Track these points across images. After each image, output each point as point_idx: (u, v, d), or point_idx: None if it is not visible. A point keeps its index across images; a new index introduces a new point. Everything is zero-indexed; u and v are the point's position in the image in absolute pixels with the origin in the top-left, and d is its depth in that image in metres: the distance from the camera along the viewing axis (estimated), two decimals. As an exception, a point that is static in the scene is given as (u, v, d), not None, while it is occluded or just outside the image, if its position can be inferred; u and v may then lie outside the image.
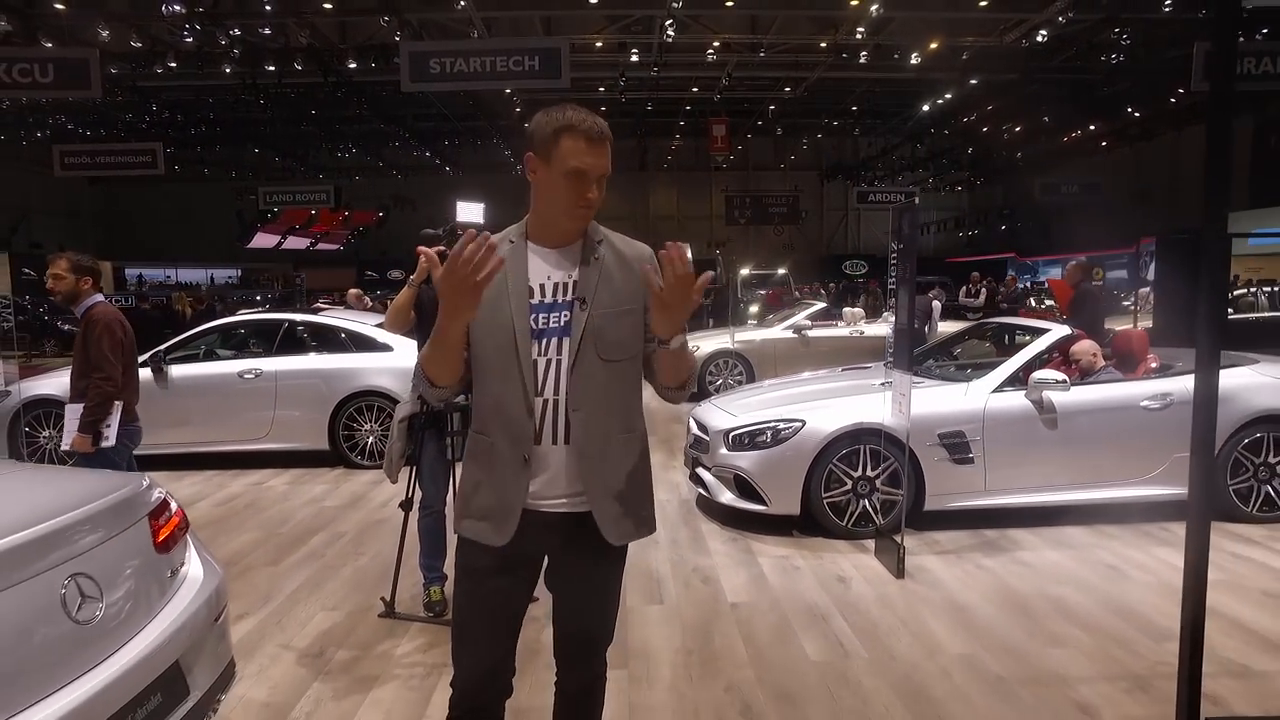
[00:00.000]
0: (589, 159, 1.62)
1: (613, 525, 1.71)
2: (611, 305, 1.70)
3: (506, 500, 1.70)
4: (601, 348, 1.68)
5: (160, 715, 1.85)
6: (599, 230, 1.78)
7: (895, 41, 17.07)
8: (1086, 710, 2.68)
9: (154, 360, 6.14)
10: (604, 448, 1.70)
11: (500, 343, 1.68)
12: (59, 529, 1.75)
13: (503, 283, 1.67)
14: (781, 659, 3.08)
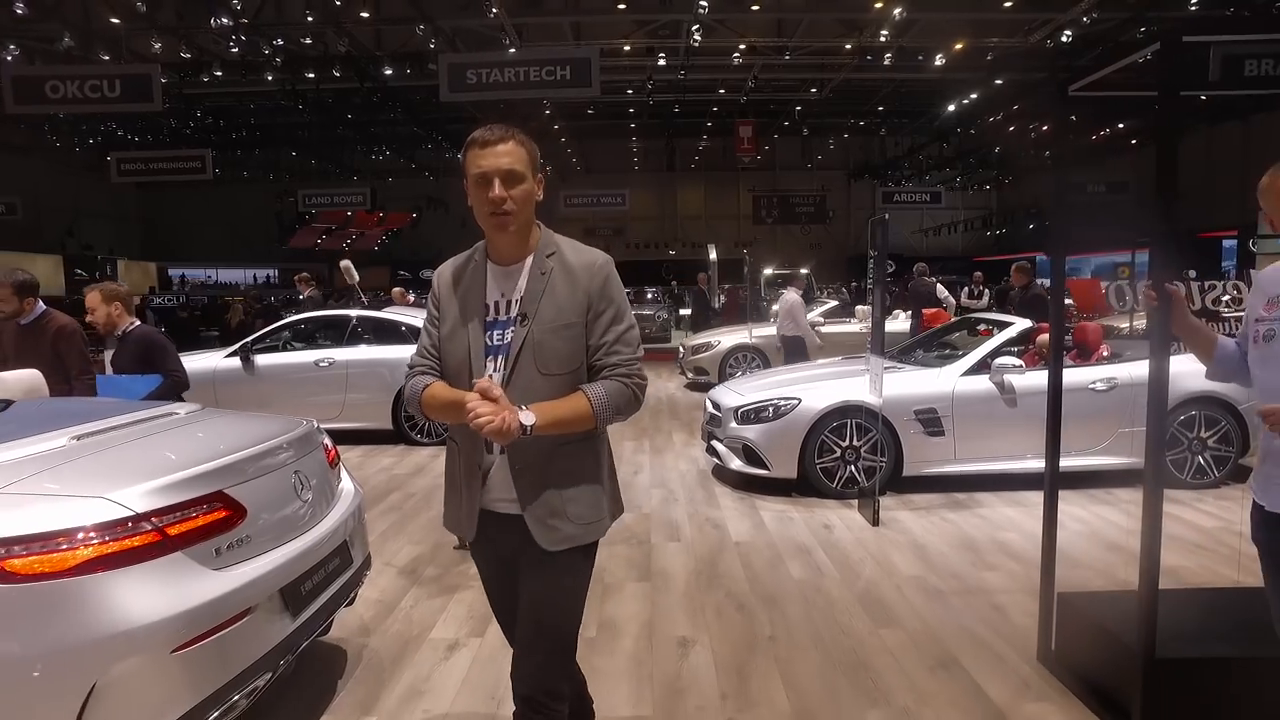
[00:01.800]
0: (485, 161, 1.74)
1: (543, 530, 1.81)
2: (553, 320, 1.79)
3: (468, 502, 1.89)
4: (540, 362, 1.78)
5: (338, 572, 2.88)
6: (552, 242, 1.87)
7: (920, 43, 17.63)
8: (999, 610, 3.63)
9: (243, 351, 7.29)
10: (537, 458, 1.80)
11: (459, 358, 1.83)
12: (284, 441, 2.79)
13: (465, 300, 1.86)
14: (770, 577, 4.06)
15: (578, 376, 1.81)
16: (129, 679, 2.04)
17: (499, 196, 1.73)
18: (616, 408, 1.79)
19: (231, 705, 2.29)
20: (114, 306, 4.31)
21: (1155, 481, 2.48)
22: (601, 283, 1.83)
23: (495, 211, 1.75)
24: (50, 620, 1.98)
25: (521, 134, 1.79)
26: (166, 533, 2.18)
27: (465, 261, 1.92)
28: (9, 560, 1.97)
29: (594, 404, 1.76)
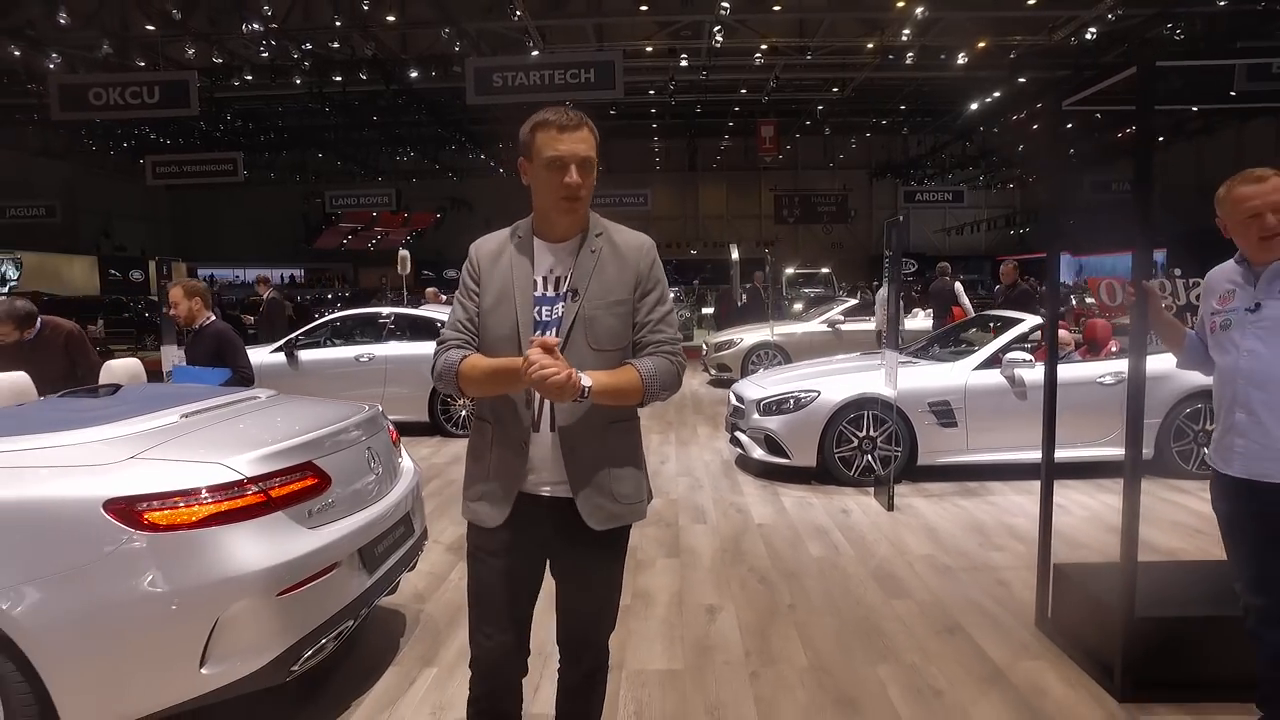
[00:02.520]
0: (563, 146, 1.78)
1: (593, 510, 1.83)
2: (602, 296, 1.83)
3: (504, 483, 1.86)
4: (592, 337, 1.81)
5: (403, 540, 3.26)
6: (599, 224, 1.92)
7: (942, 42, 17.75)
8: (1003, 584, 3.95)
9: (287, 347, 7.74)
10: (590, 436, 1.83)
11: (505, 333, 1.83)
12: (356, 421, 3.19)
13: (510, 275, 1.87)
14: (790, 554, 4.41)
15: (625, 354, 1.84)
16: (243, 616, 2.44)
17: (576, 183, 1.78)
18: (663, 383, 1.83)
19: (321, 647, 2.68)
20: (195, 301, 4.65)
21: (1134, 456, 2.79)
22: (650, 263, 1.91)
23: (568, 196, 1.79)
24: (182, 564, 2.38)
25: (590, 120, 1.84)
26: (270, 495, 2.57)
27: (508, 237, 1.94)
28: (148, 513, 2.37)
29: (644, 377, 1.80)
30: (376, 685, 3.08)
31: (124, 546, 2.34)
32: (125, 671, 2.37)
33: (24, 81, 18.92)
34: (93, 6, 16.00)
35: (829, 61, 19.49)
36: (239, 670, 2.44)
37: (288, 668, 2.55)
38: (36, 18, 15.93)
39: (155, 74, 15.57)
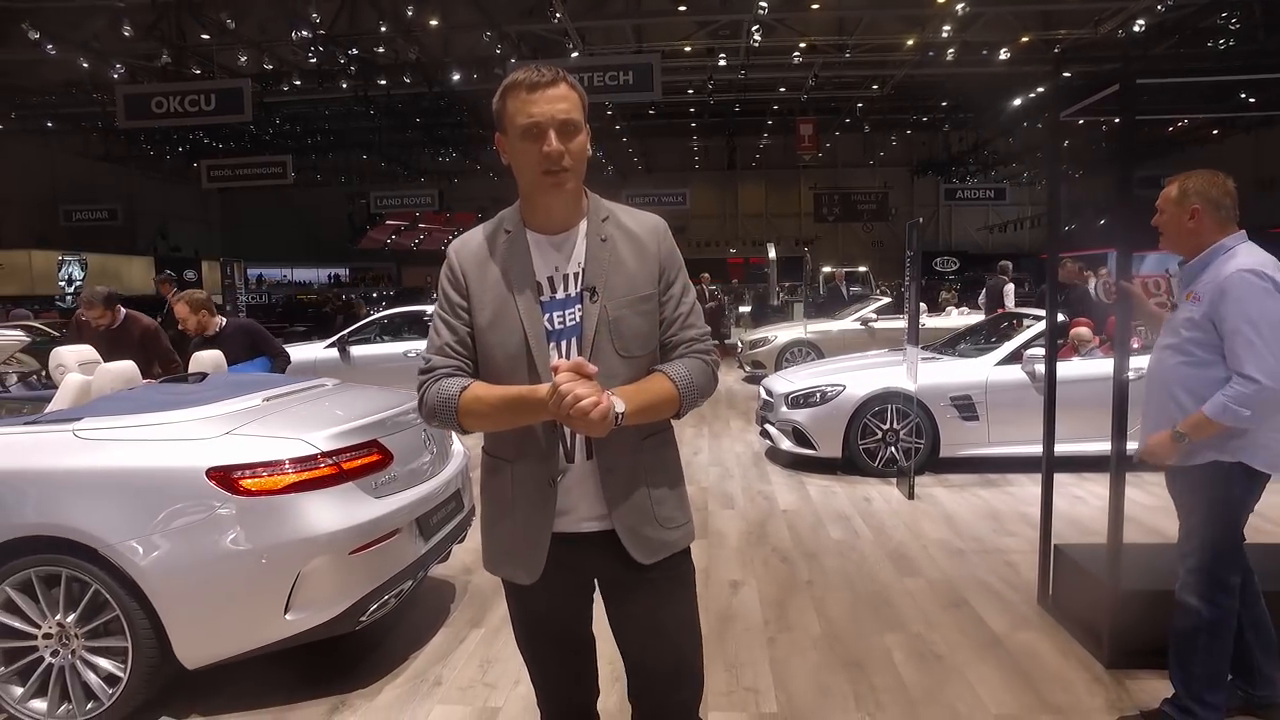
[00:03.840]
0: (535, 108, 1.47)
1: (639, 542, 1.59)
2: (626, 293, 1.56)
3: (532, 532, 1.59)
4: (620, 343, 1.55)
5: (453, 514, 3.66)
6: (602, 205, 1.63)
7: (984, 37, 17.68)
8: (1011, 566, 4.22)
9: (340, 343, 8.26)
10: (623, 456, 1.58)
11: (512, 351, 1.54)
12: (412, 406, 3.59)
13: (507, 279, 1.56)
14: (812, 537, 4.73)
15: (653, 358, 1.60)
16: (321, 571, 2.85)
17: (556, 151, 1.47)
18: (700, 389, 1.59)
19: (384, 602, 3.09)
20: (201, 314, 5.01)
21: (1119, 448, 3.07)
22: (670, 249, 1.64)
23: (551, 169, 1.48)
24: (269, 524, 2.81)
25: (571, 76, 1.53)
26: (342, 467, 2.99)
27: (492, 234, 1.63)
28: (242, 480, 2.80)
29: (679, 385, 1.55)
30: (431, 643, 3.48)
31: (223, 508, 2.77)
32: (224, 614, 2.80)
33: (89, 91, 20.02)
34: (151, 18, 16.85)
35: (868, 59, 19.52)
36: (316, 618, 2.86)
37: (357, 618, 2.97)
38: (102, 31, 16.85)
39: (212, 82, 16.36)
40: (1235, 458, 2.42)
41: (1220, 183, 2.51)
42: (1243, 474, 2.44)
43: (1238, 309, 2.35)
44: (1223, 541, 2.49)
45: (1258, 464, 2.42)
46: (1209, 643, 2.49)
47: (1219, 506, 2.48)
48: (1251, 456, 2.42)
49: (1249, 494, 2.48)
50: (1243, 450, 2.41)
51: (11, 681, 2.82)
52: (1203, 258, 2.51)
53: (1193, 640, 2.52)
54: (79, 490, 2.78)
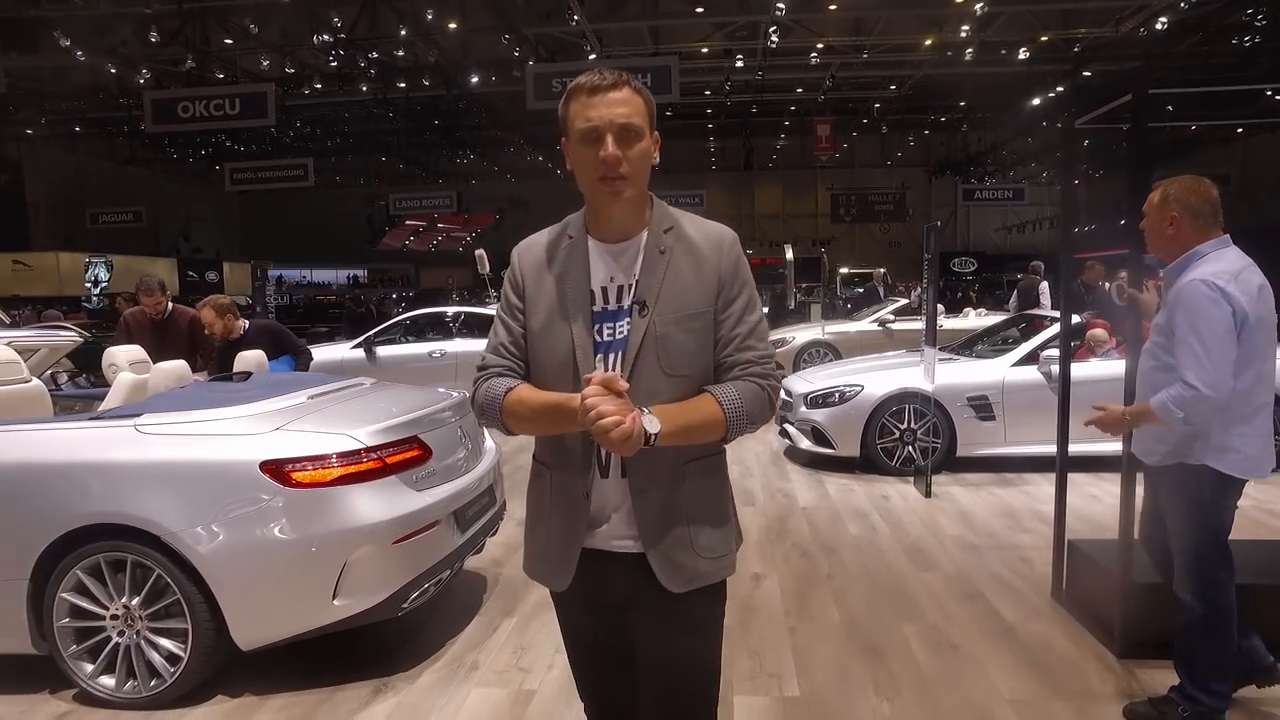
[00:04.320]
0: (594, 111, 1.46)
1: (670, 569, 1.55)
2: (677, 309, 1.52)
3: (564, 541, 1.59)
4: (665, 361, 1.51)
5: (487, 508, 3.84)
6: (668, 215, 1.59)
7: (1003, 36, 17.60)
8: (1025, 561, 4.34)
9: (366, 343, 8.48)
10: (661, 478, 1.54)
11: (559, 358, 1.54)
12: (450, 405, 3.77)
13: (561, 286, 1.56)
14: (831, 532, 4.87)
15: (705, 377, 1.54)
16: (366, 559, 3.03)
17: (612, 156, 1.45)
18: (750, 415, 1.52)
19: (424, 590, 3.27)
20: (226, 318, 5.20)
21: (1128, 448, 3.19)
22: (734, 263, 1.57)
23: (607, 175, 1.46)
24: (318, 515, 2.99)
25: (637, 80, 1.51)
26: (386, 461, 3.17)
27: (556, 238, 1.62)
28: (293, 473, 2.98)
29: (726, 410, 1.49)
30: (466, 630, 3.66)
31: (275, 499, 2.96)
32: (277, 599, 2.99)
33: (115, 96, 20.45)
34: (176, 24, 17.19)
35: (886, 59, 19.56)
36: (362, 603, 3.05)
37: (399, 605, 3.15)
38: (127, 37, 17.23)
39: (237, 87, 16.69)
40: (1200, 461, 2.54)
41: (1201, 190, 2.61)
42: (1212, 476, 2.54)
43: (1186, 318, 2.47)
44: (1204, 541, 2.61)
45: (1223, 468, 2.53)
46: (1206, 634, 2.61)
47: (1193, 507, 2.60)
48: (1217, 460, 2.53)
49: (1223, 496, 2.59)
50: (1207, 454, 2.53)
51: (82, 659, 3.02)
52: (1179, 263, 2.62)
53: (1191, 632, 2.64)
54: (142, 481, 2.98)
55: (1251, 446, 2.53)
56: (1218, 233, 2.63)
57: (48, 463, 3.03)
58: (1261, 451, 2.56)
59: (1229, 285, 2.45)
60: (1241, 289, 2.46)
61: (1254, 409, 2.53)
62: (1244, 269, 2.53)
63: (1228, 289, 2.44)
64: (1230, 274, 2.49)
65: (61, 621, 3.00)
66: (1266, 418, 2.57)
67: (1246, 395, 2.50)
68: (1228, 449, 2.52)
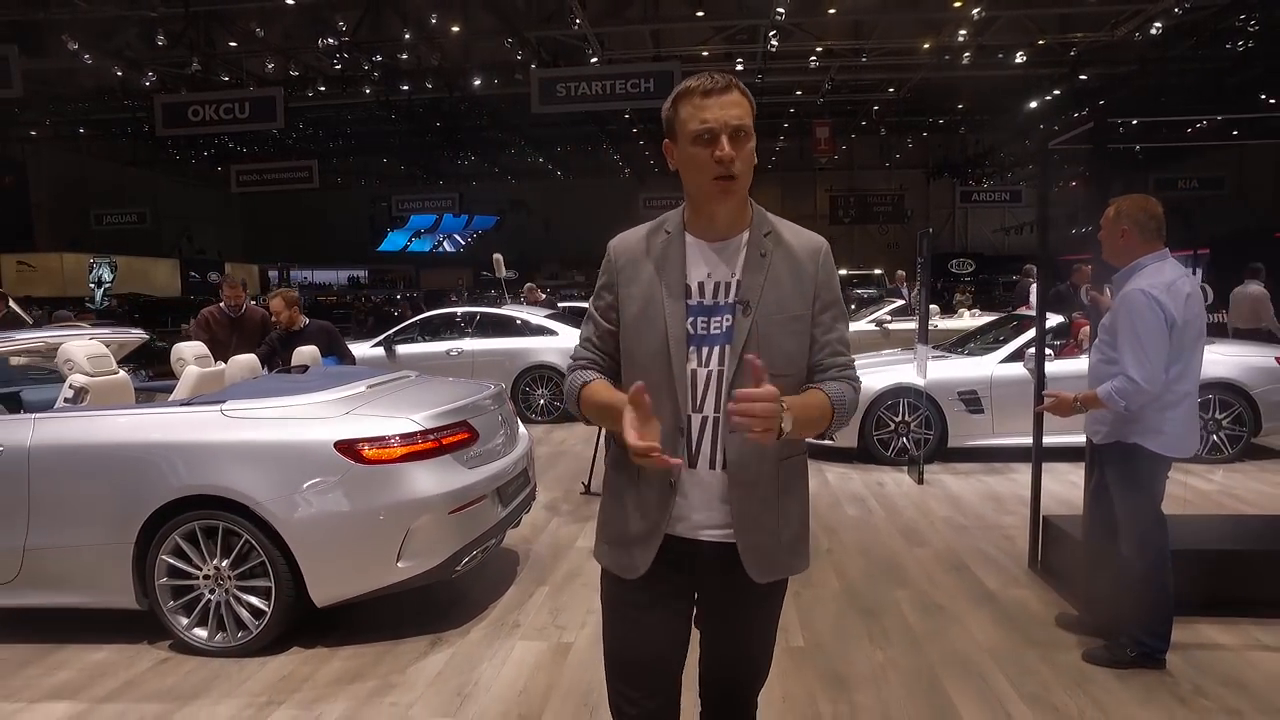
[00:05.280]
0: (709, 113, 1.53)
1: (760, 561, 1.63)
2: (779, 311, 1.60)
3: (647, 527, 1.64)
4: (768, 359, 1.52)
5: (522, 488, 4.32)
6: (767, 220, 1.67)
7: (1000, 40, 17.93)
8: (1009, 538, 4.85)
9: (386, 342, 8.97)
10: (761, 474, 1.61)
11: (653, 348, 1.61)
12: (490, 395, 4.27)
13: (656, 279, 1.62)
14: (831, 514, 5.37)
15: (801, 378, 1.64)
16: (426, 527, 3.52)
17: (728, 155, 1.53)
18: (848, 411, 1.63)
19: (474, 556, 3.77)
20: (292, 310, 5.74)
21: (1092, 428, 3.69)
22: (829, 273, 1.67)
23: (722, 174, 1.54)
24: (384, 488, 3.48)
25: (741, 83, 1.58)
26: (441, 442, 3.66)
27: (651, 232, 1.70)
28: (364, 451, 3.47)
29: (834, 403, 1.60)
30: (506, 594, 4.16)
31: (348, 474, 3.45)
32: (349, 560, 3.48)
33: (120, 98, 20.88)
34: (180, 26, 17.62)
35: (885, 62, 19.93)
36: (422, 566, 3.54)
37: (453, 568, 3.64)
38: (132, 39, 17.68)
39: (246, 91, 17.14)
40: (1135, 440, 3.05)
41: (1149, 207, 3.11)
42: (1145, 453, 3.05)
43: (1128, 321, 2.97)
44: (1141, 507, 3.11)
45: (1154, 446, 3.03)
46: (1147, 585, 3.11)
47: (1129, 480, 3.11)
48: (1148, 440, 3.03)
49: (1155, 470, 3.09)
50: (1138, 434, 3.03)
51: (179, 613, 3.51)
52: (1125, 271, 3.13)
53: (1135, 584, 3.14)
54: (232, 458, 3.46)
55: (1178, 429, 3.04)
56: (1160, 245, 3.13)
57: (149, 442, 3.52)
58: (1186, 433, 3.06)
59: (1163, 295, 2.95)
60: (1173, 298, 2.96)
61: (1180, 397, 3.03)
62: (1176, 279, 3.03)
63: (1162, 298, 2.94)
64: (1165, 285, 2.99)
65: (161, 580, 3.49)
66: (1191, 405, 3.08)
67: (1174, 386, 3.00)
68: (1158, 431, 3.02)
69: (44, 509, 3.50)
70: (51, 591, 3.54)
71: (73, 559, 3.50)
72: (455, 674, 3.34)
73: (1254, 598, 3.67)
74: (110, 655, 3.53)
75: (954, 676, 3.22)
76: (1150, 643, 3.16)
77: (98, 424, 3.62)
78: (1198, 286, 3.12)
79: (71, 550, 3.50)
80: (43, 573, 3.52)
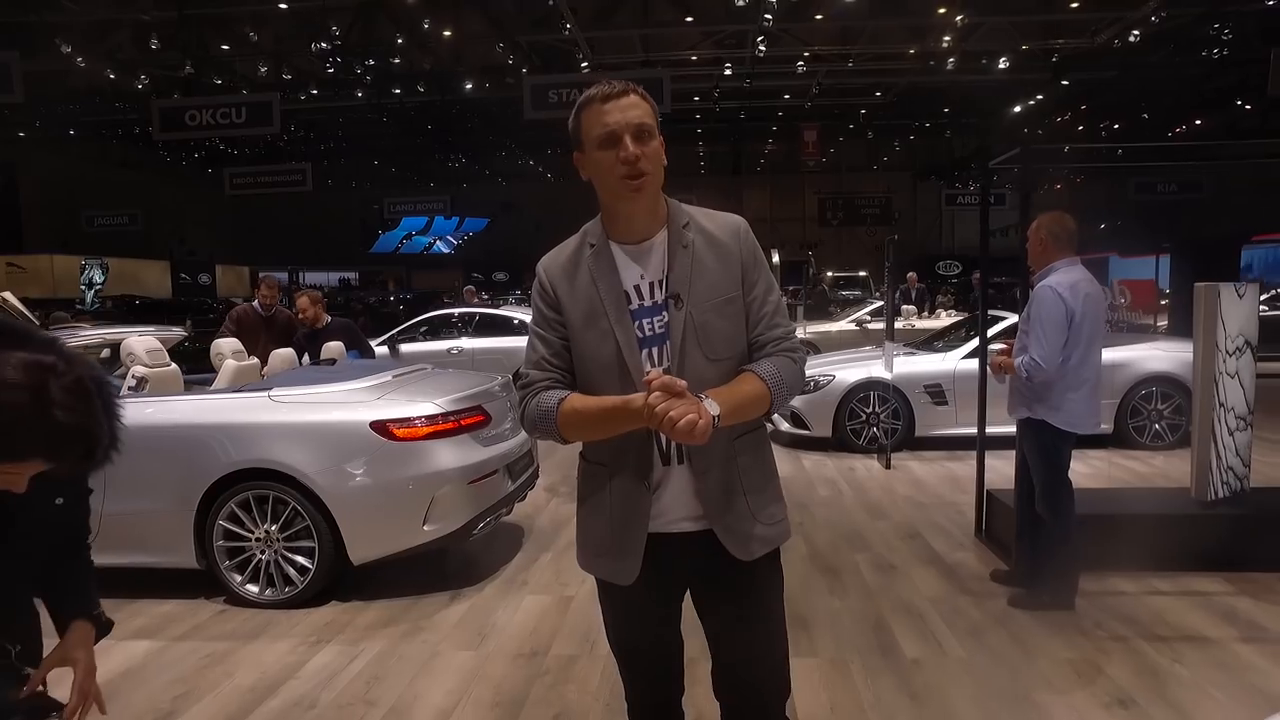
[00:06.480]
0: (610, 117, 1.59)
1: (738, 540, 1.69)
2: (709, 297, 1.65)
3: (629, 534, 1.70)
4: (707, 347, 1.64)
5: (527, 466, 4.97)
6: (683, 213, 1.72)
7: (984, 46, 18.49)
8: (961, 513, 5.52)
9: (390, 341, 9.60)
10: (718, 457, 1.68)
11: (605, 361, 1.66)
12: (499, 383, 4.91)
13: (594, 292, 1.68)
14: (804, 494, 6.04)
15: (742, 358, 1.70)
16: (448, 495, 4.16)
17: (632, 154, 1.58)
18: (789, 385, 1.67)
19: (488, 523, 4.41)
20: (317, 308, 6.42)
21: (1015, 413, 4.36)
22: (751, 248, 1.74)
23: (630, 174, 1.60)
24: (412, 462, 4.11)
25: (641, 87, 1.66)
26: (460, 423, 4.30)
27: (577, 249, 1.75)
28: (394, 430, 4.11)
29: (769, 384, 1.63)
30: (514, 559, 4.81)
31: (381, 449, 4.08)
32: (382, 524, 4.12)
33: (111, 100, 21.40)
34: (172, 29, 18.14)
35: (872, 67, 20.61)
36: (445, 529, 4.17)
37: (470, 531, 4.28)
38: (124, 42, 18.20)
39: (242, 96, 17.69)
40: (1042, 417, 3.72)
41: (1063, 222, 3.79)
42: (1050, 428, 3.71)
43: (1036, 312, 3.65)
44: (1050, 473, 3.77)
45: (1056, 422, 3.69)
46: (1057, 539, 3.79)
47: (1039, 450, 3.78)
48: (1053, 417, 3.70)
49: (1060, 442, 3.74)
50: (1044, 412, 3.70)
51: (234, 571, 4.13)
52: (1041, 272, 3.81)
53: (1048, 538, 3.82)
54: (281, 437, 4.10)
55: (1079, 408, 3.71)
56: (1070, 252, 3.81)
57: (209, 424, 4.16)
58: (1086, 412, 3.73)
59: (1066, 293, 3.63)
60: (1074, 296, 3.64)
61: (1080, 381, 3.70)
62: (1079, 281, 3.70)
63: (1064, 295, 3.62)
64: (1069, 284, 3.67)
65: (218, 543, 4.12)
66: (1091, 388, 3.74)
67: (1075, 370, 3.67)
68: (1061, 409, 3.69)
69: (119, 481, 4.09)
70: (124, 552, 4.15)
71: (143, 524, 4.12)
72: (475, 619, 3.98)
73: (1163, 554, 4.34)
74: (175, 608, 4.16)
75: (899, 619, 3.88)
76: (1060, 587, 3.83)
77: (164, 408, 4.26)
78: (1098, 288, 3.79)
79: (142, 516, 4.12)
80: (116, 535, 4.11)
